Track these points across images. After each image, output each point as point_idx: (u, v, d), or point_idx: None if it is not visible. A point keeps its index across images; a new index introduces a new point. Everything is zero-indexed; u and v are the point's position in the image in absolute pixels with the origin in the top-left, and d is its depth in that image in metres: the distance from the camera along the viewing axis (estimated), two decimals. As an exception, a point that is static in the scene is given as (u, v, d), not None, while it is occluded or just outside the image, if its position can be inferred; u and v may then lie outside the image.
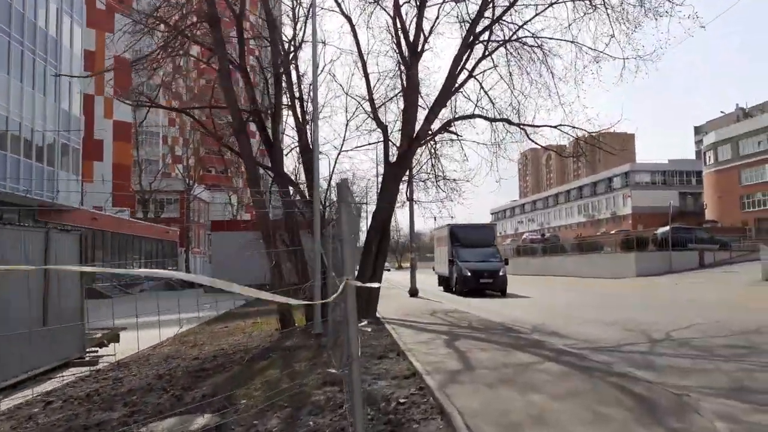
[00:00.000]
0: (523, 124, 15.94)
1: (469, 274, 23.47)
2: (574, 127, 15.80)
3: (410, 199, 20.52)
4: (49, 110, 29.55)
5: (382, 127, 14.80)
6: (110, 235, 38.81)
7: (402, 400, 5.69)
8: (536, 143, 16.86)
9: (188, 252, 57.29)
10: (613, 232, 75.38)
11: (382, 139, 15.14)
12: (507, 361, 7.42)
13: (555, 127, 15.95)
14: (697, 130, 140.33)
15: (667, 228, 36.90)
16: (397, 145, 14.89)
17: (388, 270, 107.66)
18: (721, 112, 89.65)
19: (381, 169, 17.29)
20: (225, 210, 62.54)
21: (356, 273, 14.58)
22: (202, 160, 63.31)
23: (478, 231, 27.79)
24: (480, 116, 15.88)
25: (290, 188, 13.94)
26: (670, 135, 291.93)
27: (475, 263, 23.77)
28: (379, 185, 14.93)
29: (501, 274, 23.71)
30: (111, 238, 39.13)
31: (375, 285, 11.96)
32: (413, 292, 22.37)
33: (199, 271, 56.40)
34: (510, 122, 15.85)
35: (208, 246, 58.16)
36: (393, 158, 14.67)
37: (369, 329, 11.73)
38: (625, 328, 12.14)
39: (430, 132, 15.21)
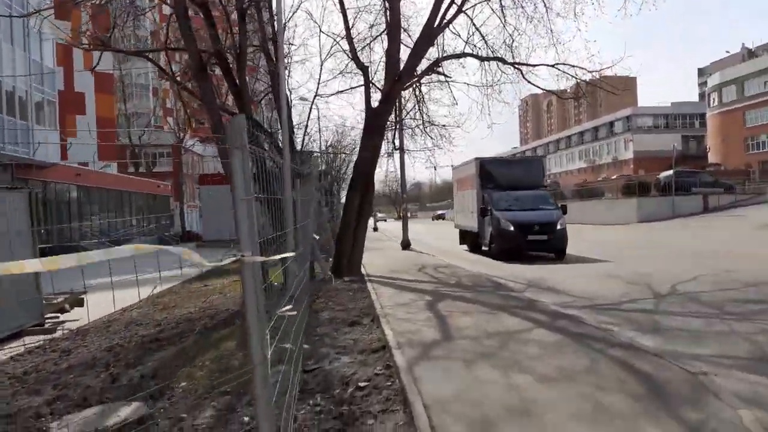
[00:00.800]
0: (518, 63, 14.60)
1: (511, 228, 16.48)
2: (573, 66, 14.48)
3: (400, 148, 19.32)
4: (19, 61, 27.91)
5: (363, 68, 13.46)
6: (97, 190, 37.73)
7: (362, 384, 4.75)
8: (532, 83, 15.52)
9: (183, 206, 56.31)
10: (614, 177, 74.28)
11: (363, 83, 13.82)
12: (492, 329, 6.48)
13: (553, 66, 14.60)
14: (701, 72, 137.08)
15: (671, 172, 35.70)
16: (381, 89, 13.61)
17: (385, 221, 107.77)
18: (727, 52, 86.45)
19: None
20: (217, 163, 61.07)
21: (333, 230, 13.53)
22: (194, 113, 61.38)
23: (522, 167, 20.26)
24: (471, 55, 14.51)
25: (263, 137, 12.74)
26: (673, 77, 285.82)
27: (521, 212, 16.92)
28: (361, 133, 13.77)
29: (559, 227, 16.63)
30: (99, 194, 38.07)
31: (275, 258, 10.97)
32: (405, 244, 21.44)
33: (195, 226, 55.48)
34: (504, 61, 14.50)
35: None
36: (376, 104, 13.42)
37: (350, 289, 10.82)
38: (627, 281, 11.23)
39: (416, 73, 13.90)
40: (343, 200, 12.99)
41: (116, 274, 6.70)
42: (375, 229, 42.92)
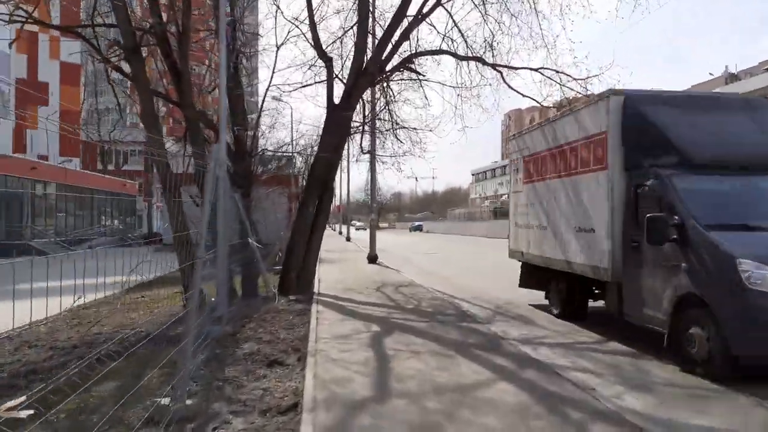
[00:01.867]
0: (499, 65, 13.30)
1: None
2: (558, 71, 13.24)
3: (370, 152, 17.92)
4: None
5: (326, 59, 12.03)
6: (55, 186, 35.61)
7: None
8: (513, 89, 14.22)
9: (150, 207, 54.15)
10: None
11: (326, 78, 12.38)
12: (442, 381, 5.05)
13: (536, 69, 13.34)
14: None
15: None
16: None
17: (365, 229, 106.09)
18: (710, 74, 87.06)
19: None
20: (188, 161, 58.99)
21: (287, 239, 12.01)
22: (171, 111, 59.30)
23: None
24: (447, 52, 13.19)
25: (207, 130, 11.26)
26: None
27: None
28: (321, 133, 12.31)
29: None
30: (57, 190, 35.94)
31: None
32: (372, 258, 19.94)
33: (159, 227, 53.33)
34: (483, 62, 13.20)
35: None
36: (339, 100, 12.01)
37: (291, 312, 9.33)
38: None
39: (386, 68, 12.53)
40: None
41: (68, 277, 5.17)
42: (348, 239, 41.33)
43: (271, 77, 12.51)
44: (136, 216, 51.77)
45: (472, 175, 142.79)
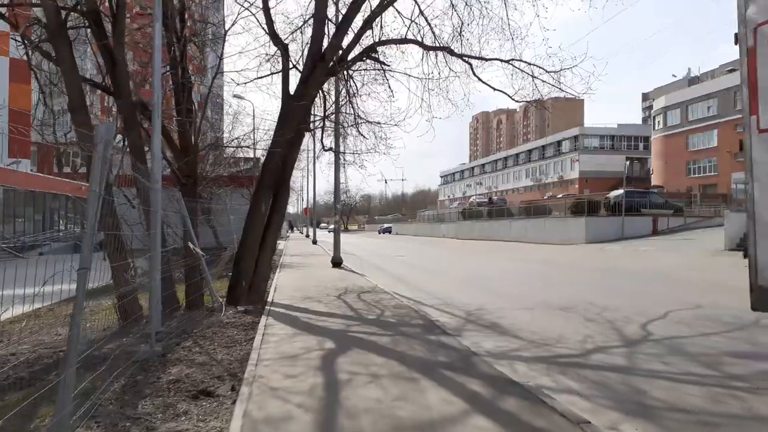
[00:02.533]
0: (468, 56, 12.51)
1: None
2: (530, 64, 12.48)
3: (333, 149, 16.89)
4: None
5: (281, 45, 10.98)
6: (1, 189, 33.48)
7: None
8: (483, 82, 13.46)
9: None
10: (560, 196, 74.47)
11: (282, 66, 11.33)
12: (405, 416, 4.10)
13: (507, 61, 12.60)
14: (645, 97, 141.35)
15: (620, 191, 34.67)
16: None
17: (336, 231, 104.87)
18: (673, 75, 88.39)
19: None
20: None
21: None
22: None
23: None
24: (413, 41, 12.31)
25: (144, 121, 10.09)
26: (616, 100, 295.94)
27: None
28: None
29: None
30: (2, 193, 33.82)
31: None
32: (336, 262, 18.88)
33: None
34: (451, 52, 12.38)
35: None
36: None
37: (237, 325, 8.26)
38: (586, 318, 9.15)
39: (348, 60, 11.58)
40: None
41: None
42: (314, 242, 40.18)
43: (218, 64, 11.14)
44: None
45: (441, 177, 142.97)
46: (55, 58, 9.12)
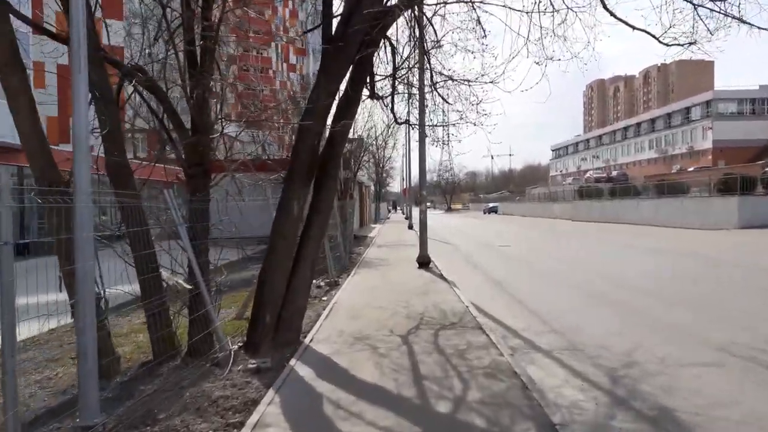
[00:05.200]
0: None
1: None
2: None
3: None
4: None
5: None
6: None
7: None
8: (613, 13, 9.21)
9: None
10: (691, 169, 65.75)
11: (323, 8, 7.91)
12: None
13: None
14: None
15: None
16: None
17: (433, 208, 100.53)
18: (830, 25, 74.29)
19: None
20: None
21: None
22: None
23: None
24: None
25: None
26: (756, 58, 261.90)
27: None
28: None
29: None
30: None
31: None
32: (423, 261, 15.35)
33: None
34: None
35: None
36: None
37: (234, 399, 5.11)
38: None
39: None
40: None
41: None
42: (410, 226, 36.90)
43: None
44: None
45: (552, 150, 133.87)
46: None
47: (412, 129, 16.35)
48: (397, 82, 9.58)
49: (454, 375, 5.69)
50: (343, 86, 7.92)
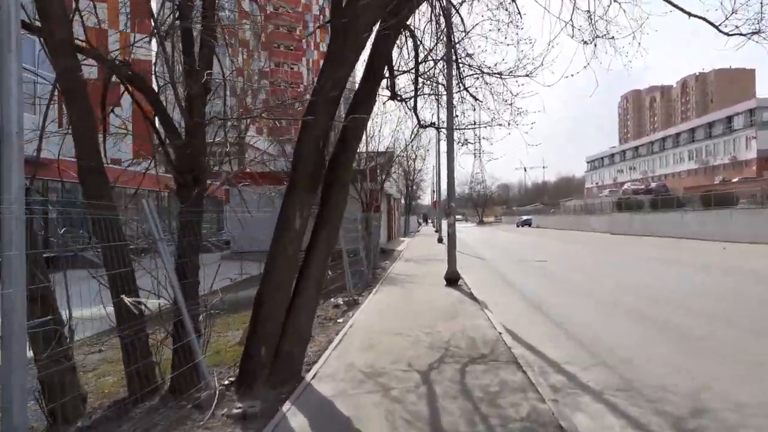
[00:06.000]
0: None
1: None
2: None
3: (448, 124, 12.19)
4: None
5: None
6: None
7: None
8: (671, 2, 7.94)
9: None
10: (735, 180, 62.96)
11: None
12: None
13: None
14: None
15: None
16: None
17: (465, 221, 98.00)
18: None
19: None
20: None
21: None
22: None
23: None
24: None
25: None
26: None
27: None
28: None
29: None
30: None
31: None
32: (451, 278, 14.13)
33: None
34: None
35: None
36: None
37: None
38: None
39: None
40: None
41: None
42: (440, 239, 35.61)
43: None
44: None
45: (587, 162, 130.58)
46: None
47: (439, 134, 15.18)
48: (420, 81, 8.51)
49: (484, 425, 4.52)
50: (358, 81, 6.91)
